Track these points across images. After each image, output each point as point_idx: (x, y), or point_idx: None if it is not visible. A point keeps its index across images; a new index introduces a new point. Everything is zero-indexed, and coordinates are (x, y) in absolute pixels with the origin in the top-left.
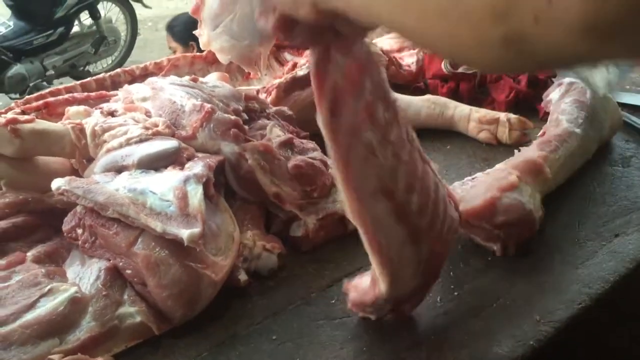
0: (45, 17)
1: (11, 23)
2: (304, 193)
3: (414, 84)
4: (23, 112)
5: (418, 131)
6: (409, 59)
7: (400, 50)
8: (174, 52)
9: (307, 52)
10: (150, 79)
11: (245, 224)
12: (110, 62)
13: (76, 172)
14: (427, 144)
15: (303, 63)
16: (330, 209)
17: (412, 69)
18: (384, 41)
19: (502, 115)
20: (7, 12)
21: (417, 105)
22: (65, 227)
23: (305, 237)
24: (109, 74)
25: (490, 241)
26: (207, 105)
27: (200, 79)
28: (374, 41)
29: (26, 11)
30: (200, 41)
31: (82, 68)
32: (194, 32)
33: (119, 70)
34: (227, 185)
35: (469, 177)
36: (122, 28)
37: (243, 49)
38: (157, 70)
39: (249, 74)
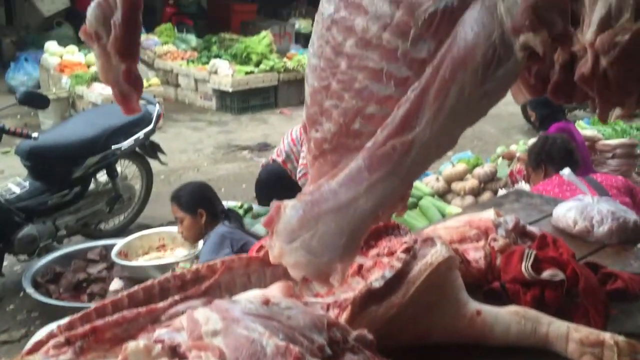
0: (62, 178)
1: (27, 183)
2: None
3: (485, 285)
4: (67, 341)
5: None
6: (474, 253)
7: (461, 240)
8: (181, 222)
9: (372, 253)
10: (218, 304)
11: None
12: (122, 218)
13: None
14: None
15: (368, 265)
16: None
17: (481, 265)
18: (440, 230)
19: (608, 337)
20: (23, 170)
21: (504, 319)
22: None
23: None
24: (157, 280)
25: None
26: (295, 350)
27: (271, 297)
28: (438, 226)
29: (44, 172)
30: (270, 253)
31: (94, 226)
32: (201, 199)
33: (168, 275)
34: None
35: None
36: (137, 182)
37: (321, 265)
38: (210, 273)
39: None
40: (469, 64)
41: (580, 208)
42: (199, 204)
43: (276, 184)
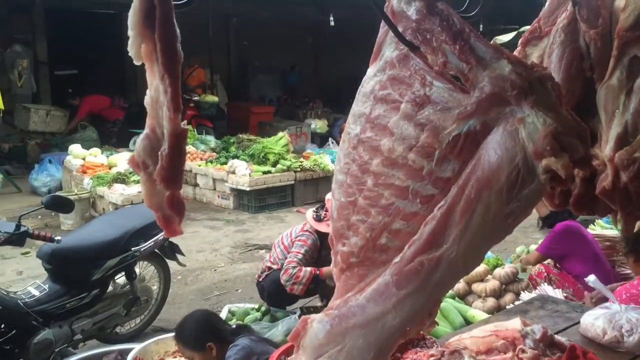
0: (82, 280)
1: (46, 286)
2: None
3: None
4: None
5: None
6: None
7: (488, 352)
8: (191, 359)
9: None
10: None
11: None
12: (139, 321)
13: None
14: None
15: None
16: None
17: None
18: (466, 340)
19: None
20: (41, 272)
21: None
22: None
23: None
24: None
25: None
26: None
27: None
28: (463, 336)
29: (64, 274)
30: None
31: (110, 330)
32: (208, 333)
33: None
34: None
35: None
36: (154, 283)
37: None
38: None
39: None
40: (494, 185)
41: (608, 317)
42: (206, 339)
43: (284, 290)
